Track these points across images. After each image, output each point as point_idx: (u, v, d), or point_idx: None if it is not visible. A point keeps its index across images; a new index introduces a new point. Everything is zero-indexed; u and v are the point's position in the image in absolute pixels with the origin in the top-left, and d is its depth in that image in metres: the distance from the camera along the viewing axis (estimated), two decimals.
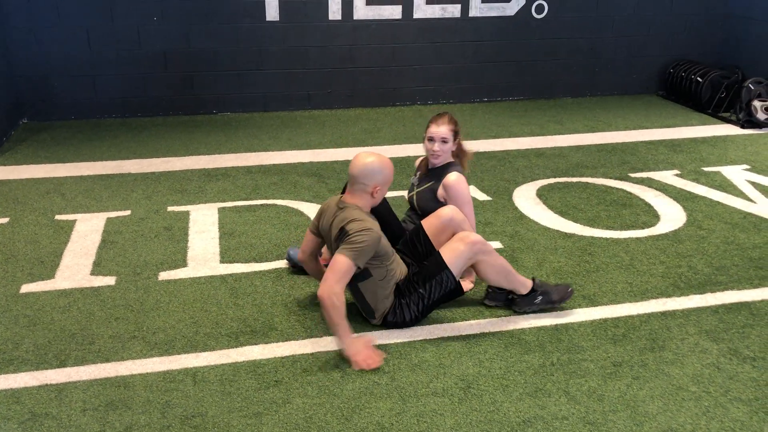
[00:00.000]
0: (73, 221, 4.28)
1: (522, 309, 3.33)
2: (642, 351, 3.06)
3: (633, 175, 5.17)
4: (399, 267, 3.22)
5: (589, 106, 7.16)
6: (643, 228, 4.28)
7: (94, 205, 4.53)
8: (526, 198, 4.73)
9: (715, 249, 4.02)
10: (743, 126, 6.41)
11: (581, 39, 7.24)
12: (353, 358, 2.93)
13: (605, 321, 3.29)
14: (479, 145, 5.81)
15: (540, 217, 4.41)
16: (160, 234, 4.13)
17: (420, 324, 3.22)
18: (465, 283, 3.47)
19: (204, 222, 4.30)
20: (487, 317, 3.31)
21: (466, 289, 3.43)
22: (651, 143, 5.96)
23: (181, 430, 2.56)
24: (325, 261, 3.44)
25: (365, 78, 6.87)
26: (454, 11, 6.82)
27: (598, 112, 6.93)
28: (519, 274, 3.31)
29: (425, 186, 3.58)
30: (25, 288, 3.51)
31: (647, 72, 7.56)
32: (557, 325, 3.24)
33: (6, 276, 3.63)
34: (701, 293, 3.54)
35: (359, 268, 2.98)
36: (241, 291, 3.51)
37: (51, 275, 3.64)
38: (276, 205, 4.57)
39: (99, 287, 3.53)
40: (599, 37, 7.27)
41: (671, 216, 4.46)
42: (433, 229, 3.33)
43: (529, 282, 3.32)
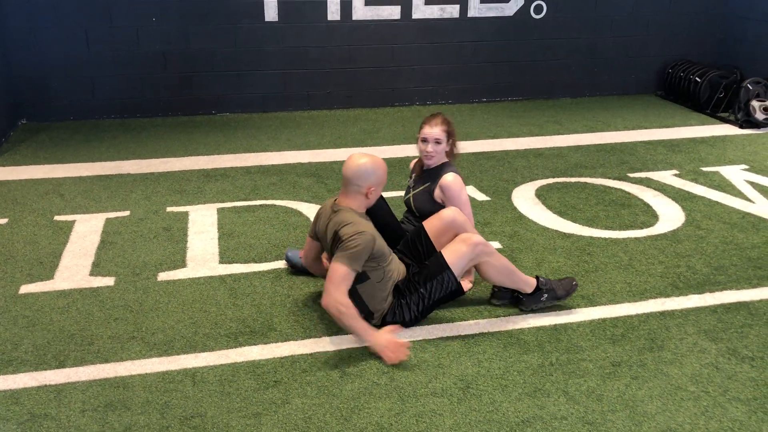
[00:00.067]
0: (72, 222, 4.28)
1: (528, 308, 3.33)
2: (641, 351, 3.06)
3: (632, 175, 5.18)
4: (397, 268, 3.22)
5: (588, 106, 7.16)
6: (642, 228, 4.29)
7: (93, 206, 4.53)
8: (525, 198, 4.73)
9: (714, 249, 4.02)
10: (742, 126, 6.41)
11: (580, 39, 7.24)
12: (381, 354, 2.94)
13: (604, 321, 3.29)
14: (478, 146, 5.81)
15: (539, 217, 4.42)
16: (159, 234, 4.13)
17: (419, 324, 3.23)
18: (464, 283, 3.47)
19: (203, 222, 4.30)
20: (486, 317, 3.31)
21: (465, 289, 3.43)
22: (650, 143, 5.97)
23: (181, 430, 2.56)
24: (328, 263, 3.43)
25: (364, 78, 6.87)
26: (452, 11, 6.82)
27: (596, 112, 6.93)
28: (522, 273, 3.32)
29: (421, 188, 3.57)
30: (24, 288, 3.51)
31: (646, 72, 7.56)
32: (556, 325, 3.24)
33: (5, 277, 3.63)
34: (700, 293, 3.55)
35: (357, 271, 2.98)
36: (240, 291, 3.51)
37: (50, 276, 3.64)
38: (275, 206, 4.57)
39: (98, 288, 3.53)
40: (598, 38, 7.28)
41: (670, 216, 4.47)
42: (435, 231, 3.33)
43: (533, 280, 3.32)
